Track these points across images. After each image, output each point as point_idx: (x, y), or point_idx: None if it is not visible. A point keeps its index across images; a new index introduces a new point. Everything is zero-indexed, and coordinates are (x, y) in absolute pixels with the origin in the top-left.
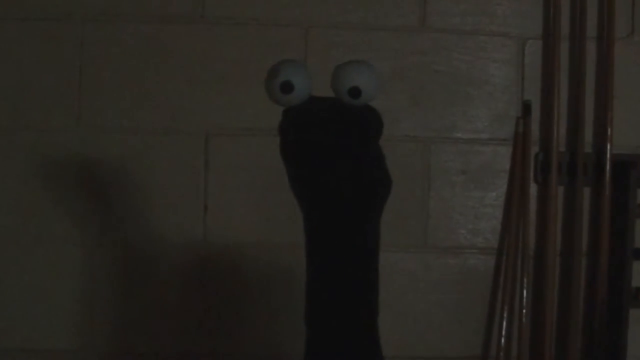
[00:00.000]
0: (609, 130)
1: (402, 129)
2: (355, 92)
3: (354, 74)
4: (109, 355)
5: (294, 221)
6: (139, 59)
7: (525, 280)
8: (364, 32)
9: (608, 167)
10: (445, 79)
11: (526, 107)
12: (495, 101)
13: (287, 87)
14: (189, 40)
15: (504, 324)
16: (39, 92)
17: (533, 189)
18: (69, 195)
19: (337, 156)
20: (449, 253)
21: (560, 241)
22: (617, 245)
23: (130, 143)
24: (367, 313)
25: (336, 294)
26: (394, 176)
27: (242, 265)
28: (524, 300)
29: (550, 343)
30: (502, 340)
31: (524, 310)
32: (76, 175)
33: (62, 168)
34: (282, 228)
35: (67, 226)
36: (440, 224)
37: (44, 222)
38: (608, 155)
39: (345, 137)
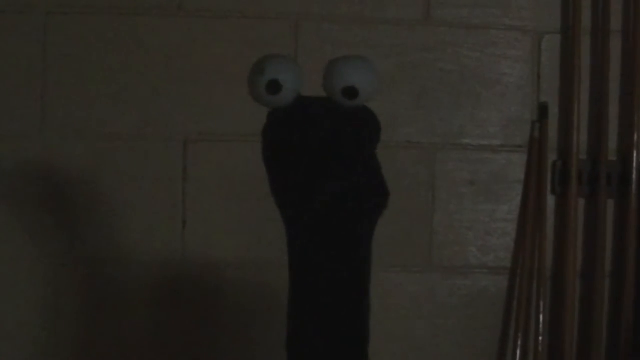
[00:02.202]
0: (636, 135)
1: (403, 134)
2: (350, 92)
3: (350, 72)
4: None
5: (282, 237)
6: (109, 56)
7: (541, 304)
8: (361, 26)
9: (634, 177)
10: (451, 79)
11: (543, 110)
12: (508, 103)
13: (274, 87)
14: (164, 35)
15: (518, 352)
16: None
17: (550, 201)
18: (29, 208)
19: (327, 164)
20: (456, 273)
21: (580, 260)
22: None
23: (99, 150)
24: (355, 340)
25: (321, 318)
26: (394, 187)
27: (223, 286)
28: (540, 326)
29: None
30: None
31: (541, 338)
32: (38, 186)
33: (22, 177)
34: (269, 245)
35: (27, 242)
36: (446, 240)
37: (1, 237)
38: (635, 164)
39: (338, 143)
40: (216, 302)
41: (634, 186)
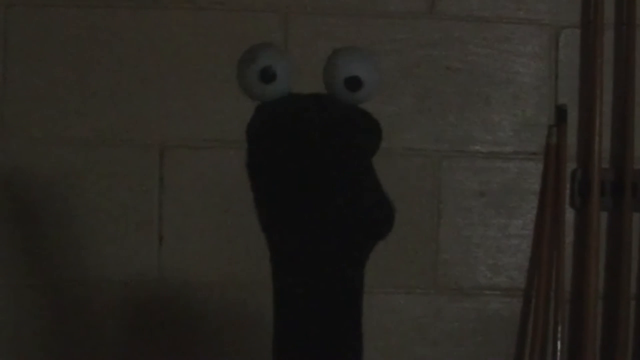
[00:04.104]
0: None
1: (405, 140)
2: (354, 82)
3: (355, 61)
4: None
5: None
6: (77, 53)
7: (559, 329)
8: (358, 20)
9: None
10: (459, 78)
11: (560, 113)
12: (522, 105)
13: (267, 75)
14: (139, 29)
15: None
16: None
17: (569, 215)
18: None
19: (325, 173)
20: (464, 295)
21: (603, 281)
22: None
23: (66, 157)
24: None
25: (308, 346)
26: (395, 198)
27: (204, 308)
28: (558, 354)
29: None
30: None
31: None
32: None
33: None
34: (255, 262)
35: None
36: (453, 259)
37: None
38: None
39: (340, 146)
40: (196, 325)
41: None
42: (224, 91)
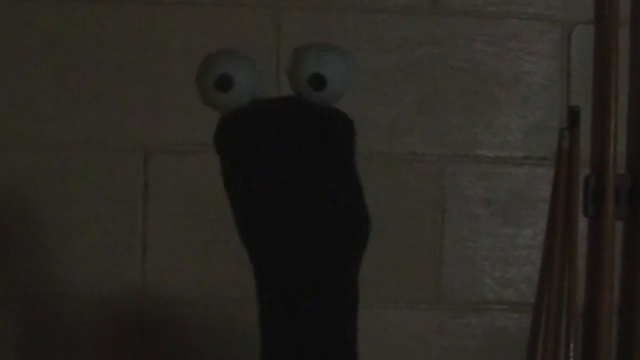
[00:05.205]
0: None
1: (407, 144)
2: (317, 81)
3: (318, 58)
4: None
5: None
6: (55, 50)
7: (571, 346)
8: (354, 15)
9: None
10: (464, 78)
11: (573, 115)
12: (532, 107)
13: (223, 82)
14: (120, 26)
15: None
16: None
17: (582, 224)
18: None
19: (297, 175)
20: (469, 310)
21: (618, 295)
22: None
23: (42, 163)
24: None
25: None
26: (395, 208)
27: (190, 323)
28: None
29: None
30: None
31: None
32: None
33: None
34: (246, 274)
35: None
36: (458, 271)
37: None
38: None
39: (307, 145)
40: (182, 342)
41: None
42: None
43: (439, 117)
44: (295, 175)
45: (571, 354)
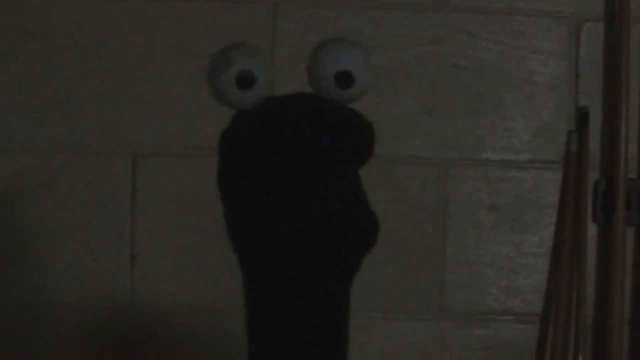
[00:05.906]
0: None
1: (408, 147)
2: (345, 78)
3: (345, 55)
4: None
5: None
6: (40, 48)
7: (581, 358)
8: (355, 12)
9: None
10: (468, 77)
11: (581, 117)
12: (538, 108)
13: (245, 80)
14: (107, 22)
15: None
16: None
17: (591, 231)
18: None
19: (314, 181)
20: (473, 321)
21: (629, 304)
22: None
23: (27, 167)
24: None
25: None
26: (395, 213)
27: (180, 335)
28: None
29: None
30: None
31: None
32: None
33: None
34: (238, 284)
35: None
36: (461, 280)
37: None
38: None
39: (332, 152)
40: (171, 353)
41: None
42: (204, 93)
43: (441, 118)
44: (312, 175)
45: None
